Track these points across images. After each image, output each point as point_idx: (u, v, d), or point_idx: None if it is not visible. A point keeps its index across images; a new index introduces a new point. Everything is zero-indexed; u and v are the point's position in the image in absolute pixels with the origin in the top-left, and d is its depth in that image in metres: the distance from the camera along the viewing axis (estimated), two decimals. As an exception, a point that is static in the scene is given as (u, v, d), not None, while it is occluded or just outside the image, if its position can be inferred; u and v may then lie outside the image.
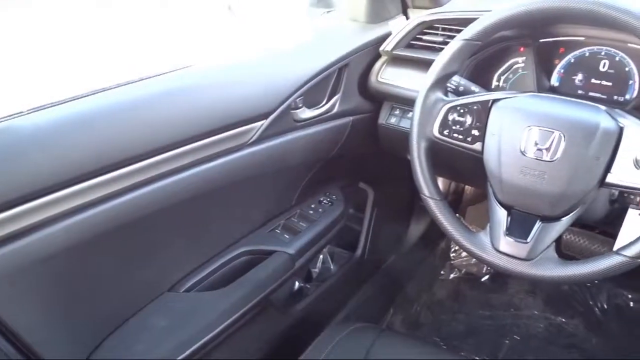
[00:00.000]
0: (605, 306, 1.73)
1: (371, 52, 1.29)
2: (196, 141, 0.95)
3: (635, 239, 0.79)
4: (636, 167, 0.79)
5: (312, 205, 1.33)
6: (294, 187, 1.29)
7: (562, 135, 0.82)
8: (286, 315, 1.32)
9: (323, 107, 1.21)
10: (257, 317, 1.17)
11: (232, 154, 1.02)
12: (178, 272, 1.08)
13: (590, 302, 1.75)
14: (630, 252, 0.78)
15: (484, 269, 1.93)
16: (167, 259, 1.05)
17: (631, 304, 1.72)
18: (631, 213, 0.95)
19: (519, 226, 0.87)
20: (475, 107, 0.92)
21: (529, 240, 0.85)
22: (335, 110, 1.24)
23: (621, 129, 0.81)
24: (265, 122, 1.07)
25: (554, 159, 0.82)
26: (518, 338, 1.67)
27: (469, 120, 0.92)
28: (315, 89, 1.17)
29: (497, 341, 1.66)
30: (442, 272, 1.96)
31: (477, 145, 0.92)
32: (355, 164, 1.48)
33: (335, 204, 1.35)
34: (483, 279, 1.91)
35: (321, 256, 1.46)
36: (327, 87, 1.22)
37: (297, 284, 1.35)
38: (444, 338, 1.70)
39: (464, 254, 1.98)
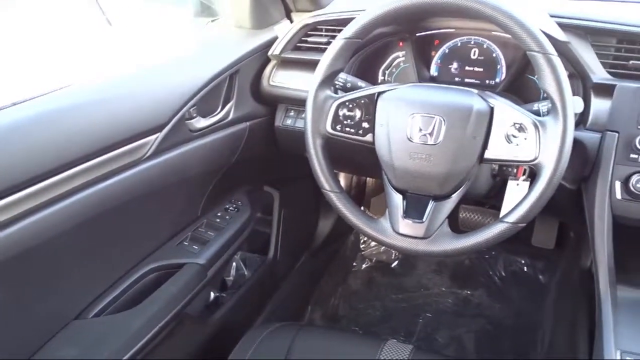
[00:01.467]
0: (504, 274, 1.88)
1: (260, 57, 1.31)
2: (87, 161, 0.91)
3: (514, 206, 0.88)
4: (508, 142, 0.87)
5: (219, 214, 1.33)
6: (198, 197, 1.28)
7: (442, 119, 0.89)
8: (205, 326, 1.31)
9: (218, 115, 1.22)
10: (175, 331, 1.15)
11: (129, 170, 1.00)
12: (85, 298, 1.04)
13: (490, 272, 1.90)
14: (512, 218, 0.87)
15: (393, 255, 2.02)
16: (71, 285, 1.00)
17: (525, 268, 1.88)
18: (510, 184, 1.05)
19: (414, 208, 0.93)
20: (363, 101, 0.97)
21: (424, 219, 0.91)
22: (230, 117, 1.24)
23: (492, 109, 0.89)
24: (159, 135, 1.05)
25: (438, 142, 0.89)
26: (430, 315, 1.77)
27: (358, 114, 0.97)
28: (208, 98, 1.17)
29: (411, 321, 1.75)
30: (354, 264, 2.03)
31: (368, 137, 0.97)
32: (257, 168, 1.49)
33: (241, 210, 1.36)
34: (393, 265, 2.00)
35: (234, 263, 1.46)
36: (220, 95, 1.22)
37: (212, 294, 1.34)
38: (363, 326, 1.76)
39: (373, 243, 2.06)
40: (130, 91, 1.05)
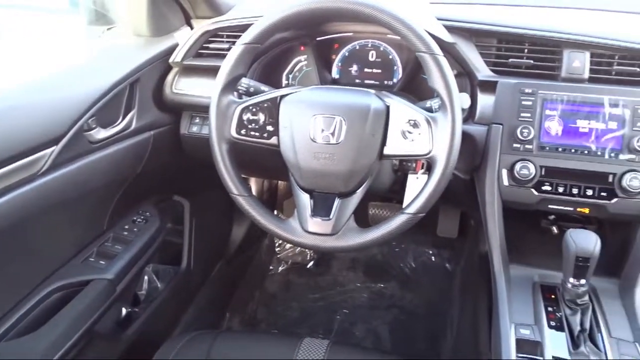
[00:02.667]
0: (413, 265, 1.98)
1: (161, 65, 1.29)
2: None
3: (414, 198, 0.93)
4: (404, 138, 0.92)
5: (126, 226, 1.29)
6: (102, 210, 1.24)
7: (342, 119, 0.93)
8: (117, 342, 1.26)
9: (119, 125, 1.18)
10: (85, 352, 1.11)
11: (23, 186, 0.94)
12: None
13: (401, 265, 1.98)
14: (412, 209, 0.92)
15: (308, 256, 2.06)
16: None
17: (432, 258, 1.99)
18: (411, 178, 1.11)
19: (322, 206, 0.96)
20: (266, 105, 0.99)
21: (331, 217, 0.94)
22: (133, 126, 1.22)
23: (388, 108, 0.94)
24: (56, 148, 1.00)
25: (339, 141, 0.93)
26: (347, 311, 1.82)
27: (262, 117, 0.99)
28: (107, 108, 1.14)
29: (329, 318, 1.80)
30: (270, 268, 2.04)
31: (273, 140, 0.99)
32: (165, 177, 1.46)
33: (150, 221, 1.33)
34: (309, 266, 2.04)
35: (145, 276, 1.42)
36: (121, 105, 1.19)
37: (123, 310, 1.30)
38: (282, 328, 1.78)
39: (288, 246, 2.09)
40: (22, 103, 1.00)
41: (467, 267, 1.80)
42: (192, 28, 1.39)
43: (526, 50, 1.12)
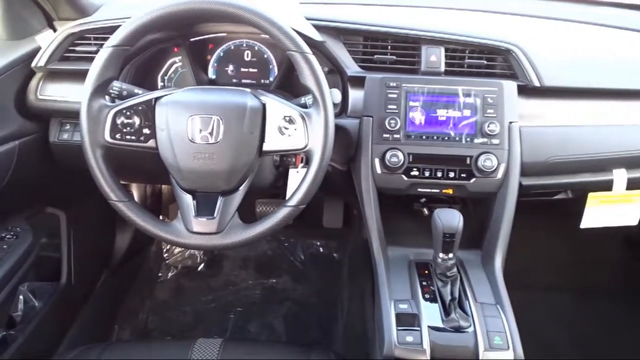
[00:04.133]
0: (303, 257, 2.03)
1: (22, 70, 1.21)
2: None
3: (294, 191, 0.97)
4: (281, 134, 0.96)
5: (-6, 244, 1.20)
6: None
7: (219, 119, 0.94)
8: (-7, 369, 1.18)
9: (-23, 137, 1.10)
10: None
11: None
12: None
13: (291, 258, 2.03)
14: (292, 202, 0.96)
15: (199, 259, 2.03)
16: None
17: (321, 249, 2.06)
18: (292, 172, 1.15)
19: (205, 205, 0.97)
20: (140, 108, 0.97)
21: (215, 215, 0.96)
22: (-6, 137, 1.13)
23: (264, 105, 0.97)
24: None
25: (218, 140, 0.94)
26: (241, 309, 1.84)
27: (137, 121, 0.97)
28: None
29: (223, 318, 1.80)
30: (160, 274, 2.00)
31: (151, 143, 0.98)
32: (36, 189, 1.37)
33: (21, 237, 1.25)
34: (199, 268, 2.02)
35: (20, 296, 1.33)
36: (-22, 114, 1.11)
37: (-3, 334, 1.21)
38: (175, 334, 1.75)
39: (177, 250, 2.05)
40: None
41: (353, 254, 1.89)
42: (55, 30, 1.32)
43: (389, 47, 1.20)
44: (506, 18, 1.42)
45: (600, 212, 1.22)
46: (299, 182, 0.98)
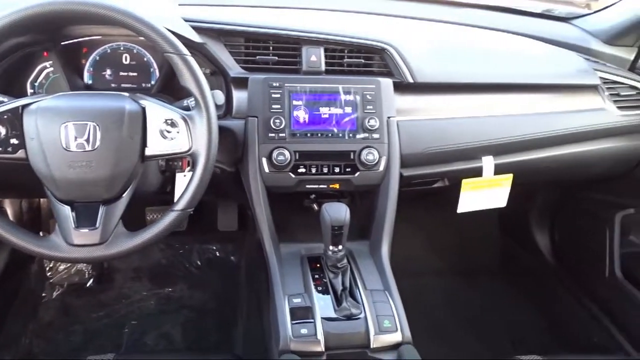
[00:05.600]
0: (199, 263, 2.00)
1: None
2: None
3: (180, 195, 0.96)
4: (163, 137, 0.94)
5: None
6: None
7: (96, 125, 0.90)
8: None
9: None
10: None
11: None
12: None
13: (187, 265, 1.99)
14: (179, 206, 0.95)
15: (87, 274, 1.92)
16: None
17: (217, 253, 2.03)
18: (179, 176, 1.13)
19: (85, 216, 0.92)
20: (6, 117, 0.90)
21: (97, 225, 0.92)
22: None
23: (144, 109, 0.94)
24: None
25: (95, 147, 0.90)
26: (135, 322, 1.76)
27: (3, 131, 0.90)
28: None
29: (117, 333, 1.72)
30: (43, 294, 1.86)
31: (20, 153, 0.91)
32: None
33: None
34: (88, 284, 1.91)
35: None
36: None
37: None
38: (64, 356, 1.65)
39: (61, 267, 1.92)
40: None
41: (249, 255, 1.89)
42: None
43: (271, 48, 1.22)
44: (382, 19, 1.50)
45: (473, 197, 1.33)
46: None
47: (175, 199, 1.07)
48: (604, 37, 1.53)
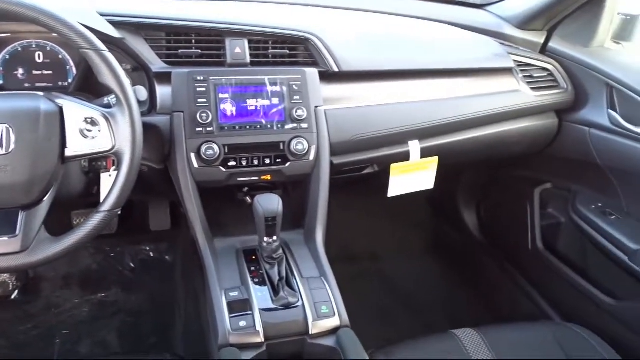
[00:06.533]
0: (133, 265, 1.94)
1: None
2: None
3: (106, 195, 0.93)
4: (84, 137, 0.91)
5: None
6: None
7: (9, 127, 0.86)
8: None
9: None
10: None
11: None
12: None
13: (120, 269, 1.92)
14: (106, 206, 0.92)
15: (11, 286, 1.82)
16: None
17: (151, 254, 1.98)
18: (104, 177, 1.09)
19: (3, 223, 0.87)
20: None
21: (17, 232, 0.87)
22: None
23: (61, 109, 0.90)
24: None
25: (10, 150, 0.85)
26: (67, 331, 1.69)
27: None
28: None
29: (47, 345, 1.64)
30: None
31: None
32: None
33: None
34: (13, 297, 1.81)
35: None
36: None
37: None
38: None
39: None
40: None
41: (184, 253, 1.86)
42: None
43: (194, 41, 1.20)
44: (305, 9, 1.51)
45: (402, 181, 1.37)
46: (112, 186, 0.94)
47: (102, 200, 1.05)
48: (516, 22, 1.61)
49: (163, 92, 1.14)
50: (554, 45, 1.57)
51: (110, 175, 1.09)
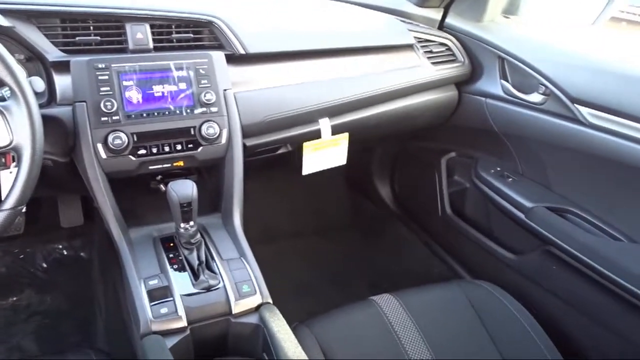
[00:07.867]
0: (46, 266, 1.85)
1: None
2: None
3: (8, 192, 0.89)
4: None
5: None
6: None
7: None
8: None
9: None
10: None
11: None
12: None
13: (32, 270, 1.83)
14: (8, 204, 0.88)
15: None
16: None
17: (65, 252, 1.90)
18: (3, 174, 1.04)
19: None
20: None
21: None
22: None
23: None
24: None
25: None
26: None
27: None
28: None
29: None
30: None
31: None
32: None
33: None
34: None
35: None
36: None
37: None
38: None
39: None
40: None
41: (100, 248, 1.80)
42: None
43: (92, 28, 1.16)
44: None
45: (316, 158, 1.40)
46: (13, 183, 0.90)
47: (3, 198, 1.00)
48: (415, 0, 1.68)
49: (62, 82, 1.09)
50: (450, 21, 1.66)
51: (10, 172, 1.04)
